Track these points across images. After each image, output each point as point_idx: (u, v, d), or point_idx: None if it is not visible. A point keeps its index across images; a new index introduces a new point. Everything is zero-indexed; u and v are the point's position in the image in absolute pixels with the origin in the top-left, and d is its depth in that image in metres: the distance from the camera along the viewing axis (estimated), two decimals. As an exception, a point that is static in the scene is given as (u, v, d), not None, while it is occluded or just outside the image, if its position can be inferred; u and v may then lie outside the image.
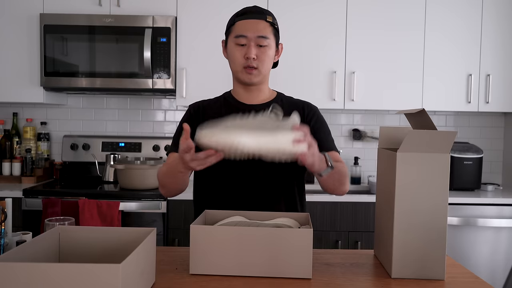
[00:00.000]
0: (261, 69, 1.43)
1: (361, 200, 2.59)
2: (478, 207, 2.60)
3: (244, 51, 1.41)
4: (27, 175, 2.87)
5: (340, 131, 3.18)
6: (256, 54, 1.40)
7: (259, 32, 1.40)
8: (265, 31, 1.41)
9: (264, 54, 1.41)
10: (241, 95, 1.50)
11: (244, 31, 1.40)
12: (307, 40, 2.78)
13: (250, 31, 1.39)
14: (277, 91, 1.57)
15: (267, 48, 1.41)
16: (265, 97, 1.51)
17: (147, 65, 2.66)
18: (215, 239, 1.09)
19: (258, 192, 1.44)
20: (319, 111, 1.56)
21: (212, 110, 1.50)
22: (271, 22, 1.43)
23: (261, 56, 1.41)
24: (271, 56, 1.44)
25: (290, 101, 1.54)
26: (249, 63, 1.40)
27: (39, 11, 2.73)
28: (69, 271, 0.80)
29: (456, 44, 2.81)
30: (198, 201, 1.53)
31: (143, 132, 3.14)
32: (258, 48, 1.41)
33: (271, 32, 1.43)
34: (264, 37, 1.40)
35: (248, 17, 1.41)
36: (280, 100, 1.52)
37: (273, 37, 1.44)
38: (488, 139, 3.20)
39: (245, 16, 1.42)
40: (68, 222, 1.19)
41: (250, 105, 1.48)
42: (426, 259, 1.13)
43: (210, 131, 1.07)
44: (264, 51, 1.41)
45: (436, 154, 1.11)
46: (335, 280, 1.11)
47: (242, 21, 1.42)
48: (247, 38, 1.40)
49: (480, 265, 2.60)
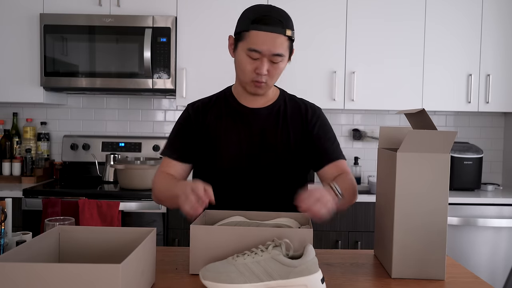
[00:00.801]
0: (269, 83, 1.37)
1: (361, 200, 2.58)
2: (478, 207, 2.60)
3: (255, 65, 1.31)
4: (27, 175, 2.87)
5: (340, 131, 3.18)
6: (267, 70, 1.31)
7: (275, 50, 1.28)
8: (281, 48, 1.29)
9: (276, 70, 1.33)
10: (243, 97, 1.45)
11: (259, 45, 1.27)
12: (307, 40, 2.78)
13: (265, 47, 1.27)
14: (279, 88, 1.52)
15: (280, 63, 1.33)
16: (268, 98, 1.46)
17: (147, 65, 2.66)
18: (215, 239, 1.09)
19: (259, 202, 1.39)
20: (322, 113, 1.51)
21: (213, 110, 1.46)
22: (289, 36, 1.31)
23: (272, 72, 1.33)
24: (282, 69, 1.36)
25: (294, 102, 1.49)
26: (258, 78, 1.33)
27: (39, 11, 2.73)
28: (69, 271, 0.80)
29: (456, 44, 2.81)
30: None
31: (143, 132, 3.14)
32: (270, 63, 1.31)
33: (287, 47, 1.32)
34: (280, 55, 1.30)
35: (266, 29, 1.27)
36: (283, 102, 1.47)
37: (288, 50, 1.34)
38: (488, 139, 3.20)
39: (263, 28, 1.27)
40: (68, 222, 1.19)
41: (252, 109, 1.43)
42: (426, 259, 1.13)
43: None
44: (276, 67, 1.33)
45: (436, 154, 1.11)
46: (335, 280, 1.11)
47: (258, 31, 1.28)
48: (260, 53, 1.29)
49: (480, 265, 2.60)
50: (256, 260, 0.98)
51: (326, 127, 1.48)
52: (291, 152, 1.42)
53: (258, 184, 1.41)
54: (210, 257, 1.09)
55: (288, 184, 1.42)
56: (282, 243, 1.00)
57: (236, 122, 1.43)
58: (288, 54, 1.35)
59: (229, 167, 1.41)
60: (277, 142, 1.42)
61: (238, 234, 1.09)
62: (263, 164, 1.40)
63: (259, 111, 1.43)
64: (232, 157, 1.41)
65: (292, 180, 1.44)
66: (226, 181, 1.41)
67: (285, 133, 1.42)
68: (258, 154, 1.41)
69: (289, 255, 0.99)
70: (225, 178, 1.41)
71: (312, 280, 0.96)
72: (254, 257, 0.99)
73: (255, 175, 1.41)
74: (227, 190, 1.40)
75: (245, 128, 1.42)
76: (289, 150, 1.42)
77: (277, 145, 1.41)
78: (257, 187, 1.41)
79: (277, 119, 1.43)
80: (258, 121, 1.43)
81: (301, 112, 1.46)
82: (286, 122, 1.44)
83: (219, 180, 1.39)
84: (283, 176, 1.42)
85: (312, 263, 0.97)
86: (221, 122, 1.43)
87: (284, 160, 1.41)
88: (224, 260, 1.01)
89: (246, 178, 1.41)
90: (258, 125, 1.42)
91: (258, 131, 1.42)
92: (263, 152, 1.41)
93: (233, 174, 1.41)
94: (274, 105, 1.46)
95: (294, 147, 1.43)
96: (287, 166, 1.42)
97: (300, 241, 1.07)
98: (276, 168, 1.41)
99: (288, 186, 1.42)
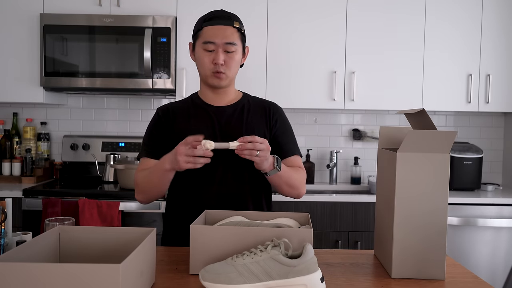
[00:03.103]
0: (228, 74, 1.48)
1: (361, 200, 2.59)
2: (478, 207, 2.60)
3: (212, 57, 1.45)
4: (27, 175, 2.87)
5: (340, 131, 3.18)
6: (224, 60, 1.45)
7: (227, 39, 1.44)
8: (232, 37, 1.45)
9: (232, 60, 1.46)
10: (208, 97, 1.55)
11: (212, 37, 1.43)
12: (307, 40, 2.78)
13: (218, 38, 1.43)
14: (242, 92, 1.62)
15: (234, 53, 1.46)
16: (231, 98, 1.56)
17: (147, 65, 2.66)
18: (215, 239, 1.09)
19: (227, 196, 1.48)
20: (284, 112, 1.62)
21: (181, 112, 1.54)
22: (238, 28, 1.47)
23: (228, 62, 1.46)
24: (238, 60, 1.49)
25: (256, 101, 1.60)
26: (217, 69, 1.45)
27: (39, 11, 2.73)
28: (69, 271, 0.80)
29: (456, 44, 2.81)
30: (170, 198, 1.57)
31: (143, 132, 3.11)
32: (225, 54, 1.45)
33: (238, 38, 1.47)
34: (232, 43, 1.45)
35: (216, 23, 1.45)
36: (247, 101, 1.58)
37: (240, 42, 1.48)
38: (488, 139, 3.20)
39: (213, 22, 1.45)
40: (68, 222, 1.19)
41: (218, 107, 1.53)
42: (426, 259, 1.13)
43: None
44: (231, 57, 1.46)
45: (436, 154, 1.11)
46: (335, 280, 1.11)
47: (210, 26, 1.45)
48: (215, 44, 1.44)
49: (480, 265, 2.60)
50: (255, 260, 0.98)
51: (286, 125, 1.60)
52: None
53: (225, 178, 1.48)
54: (210, 257, 1.09)
55: (253, 176, 1.50)
56: (281, 243, 1.00)
57: (203, 119, 1.52)
58: (242, 47, 1.50)
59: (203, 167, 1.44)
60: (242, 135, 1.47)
61: (238, 234, 1.09)
62: (228, 158, 1.47)
63: (224, 108, 1.53)
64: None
65: (257, 173, 1.50)
66: (196, 177, 1.47)
67: (249, 128, 1.52)
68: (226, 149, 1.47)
69: (288, 254, 0.99)
70: (195, 174, 1.45)
71: (312, 280, 0.96)
72: (253, 257, 0.99)
73: (223, 169, 1.48)
74: (197, 185, 1.48)
75: (212, 124, 1.50)
76: None
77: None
78: (223, 181, 1.48)
79: (242, 115, 1.54)
80: (224, 117, 1.52)
81: (265, 109, 1.57)
82: (250, 118, 1.54)
83: (189, 177, 1.46)
84: (248, 169, 1.48)
85: (311, 262, 0.97)
86: (189, 121, 1.52)
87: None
88: (223, 261, 1.01)
89: (214, 172, 1.47)
90: (224, 121, 1.52)
91: (224, 127, 1.51)
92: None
93: (202, 169, 1.43)
94: (238, 104, 1.56)
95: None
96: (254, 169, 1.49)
97: (299, 241, 1.07)
98: (242, 161, 1.46)
99: (253, 178, 1.51)
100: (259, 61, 2.77)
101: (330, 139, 3.18)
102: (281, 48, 2.79)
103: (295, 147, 1.59)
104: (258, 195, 1.54)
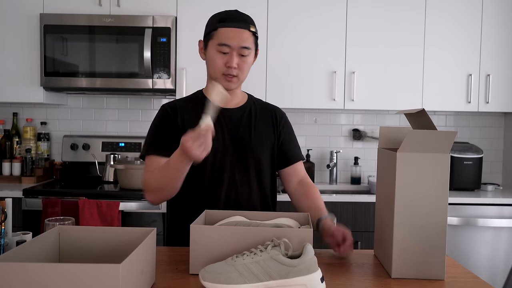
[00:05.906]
0: (240, 77, 1.45)
1: (361, 200, 2.59)
2: (478, 207, 2.60)
3: (225, 59, 1.42)
4: (27, 175, 2.87)
5: (340, 131, 3.18)
6: (237, 63, 1.42)
7: (243, 43, 1.41)
8: (248, 42, 1.42)
9: (245, 63, 1.44)
10: None
11: (227, 40, 1.40)
12: (307, 40, 2.78)
13: (234, 41, 1.40)
14: (248, 94, 1.60)
15: (247, 57, 1.44)
16: (238, 100, 1.54)
17: (147, 65, 2.66)
18: (215, 239, 1.09)
19: (234, 199, 1.47)
20: (287, 117, 1.63)
21: (189, 110, 1.50)
22: (253, 32, 1.44)
23: (241, 65, 1.43)
24: (250, 63, 1.47)
25: (262, 105, 1.59)
26: (229, 72, 1.42)
27: (39, 11, 2.73)
28: (69, 271, 0.80)
29: (456, 44, 2.81)
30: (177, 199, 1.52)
31: (143, 132, 3.14)
32: (239, 57, 1.42)
33: (252, 42, 1.44)
34: (247, 47, 1.42)
35: (232, 26, 1.41)
36: (253, 104, 1.56)
37: (254, 45, 1.46)
38: (488, 139, 3.20)
39: (228, 24, 1.41)
40: (68, 222, 1.19)
41: (226, 109, 1.47)
42: (426, 259, 1.13)
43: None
44: (244, 60, 1.43)
45: (436, 154, 1.11)
46: (335, 280, 1.11)
47: (225, 29, 1.40)
48: (230, 47, 1.40)
49: (480, 265, 2.59)
50: (255, 260, 0.98)
51: (291, 131, 1.61)
52: (264, 151, 1.51)
53: (233, 181, 1.47)
54: (210, 257, 1.09)
55: (261, 180, 1.50)
56: (281, 243, 1.00)
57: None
58: (254, 50, 1.47)
59: (206, 166, 1.43)
60: (251, 141, 1.49)
61: (238, 234, 1.09)
62: (238, 162, 1.46)
63: (232, 111, 1.51)
64: (209, 156, 1.42)
65: (265, 177, 1.51)
66: (202, 180, 1.45)
67: (258, 133, 1.51)
68: (233, 153, 1.47)
69: (288, 254, 0.99)
70: (201, 176, 1.44)
71: (312, 279, 0.96)
72: (253, 257, 0.99)
73: (230, 173, 1.46)
74: (203, 188, 1.46)
75: (220, 127, 1.47)
76: (262, 149, 1.50)
77: (251, 144, 1.49)
78: (232, 185, 1.46)
79: (250, 119, 1.53)
80: (232, 120, 1.50)
81: (271, 115, 1.57)
82: (258, 122, 1.53)
83: (195, 179, 1.44)
84: (256, 173, 1.48)
85: (311, 262, 0.97)
86: (198, 120, 1.46)
87: (258, 158, 1.49)
88: (223, 261, 1.01)
89: (221, 176, 1.46)
90: (232, 124, 1.49)
91: (233, 130, 1.49)
92: (238, 150, 1.48)
93: (209, 172, 1.45)
94: (246, 106, 1.54)
95: (266, 146, 1.51)
96: (260, 164, 1.50)
97: (299, 241, 1.07)
98: (250, 166, 1.48)
99: (261, 182, 1.51)
100: (259, 61, 2.77)
101: (330, 139, 3.18)
102: (281, 48, 2.79)
103: (299, 152, 1.60)
104: (265, 196, 1.54)
